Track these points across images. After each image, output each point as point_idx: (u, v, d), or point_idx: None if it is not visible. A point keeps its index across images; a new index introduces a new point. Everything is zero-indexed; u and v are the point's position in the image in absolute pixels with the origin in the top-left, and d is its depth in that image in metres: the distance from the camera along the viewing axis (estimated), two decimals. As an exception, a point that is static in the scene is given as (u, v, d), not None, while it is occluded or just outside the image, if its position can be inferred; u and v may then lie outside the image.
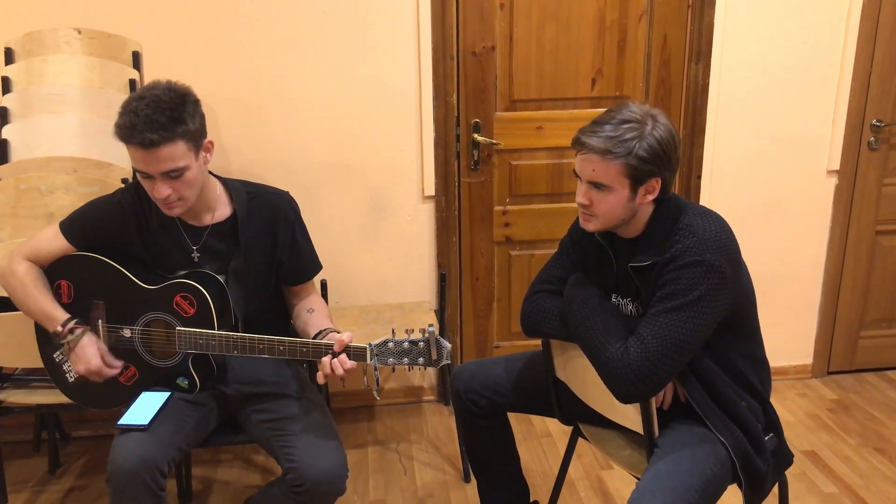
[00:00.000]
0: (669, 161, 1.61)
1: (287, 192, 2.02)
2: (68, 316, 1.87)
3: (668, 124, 1.61)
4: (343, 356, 1.73)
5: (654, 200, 1.67)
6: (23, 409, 2.21)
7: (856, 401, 3.09)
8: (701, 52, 2.87)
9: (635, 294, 1.73)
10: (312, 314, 1.97)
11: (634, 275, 1.67)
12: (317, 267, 2.07)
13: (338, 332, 1.83)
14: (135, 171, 1.76)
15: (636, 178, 1.60)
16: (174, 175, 1.73)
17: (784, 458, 1.79)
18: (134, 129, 1.66)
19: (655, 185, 1.63)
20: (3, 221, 2.27)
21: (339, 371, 1.72)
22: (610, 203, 1.63)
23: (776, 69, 2.91)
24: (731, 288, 1.60)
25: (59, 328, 1.85)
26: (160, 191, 1.74)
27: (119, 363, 1.91)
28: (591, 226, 1.70)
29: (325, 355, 1.74)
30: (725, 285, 1.58)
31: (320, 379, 1.75)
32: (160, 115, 1.67)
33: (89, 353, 1.85)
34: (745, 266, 1.70)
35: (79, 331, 1.86)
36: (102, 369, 1.87)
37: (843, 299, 3.20)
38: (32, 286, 1.88)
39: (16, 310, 1.97)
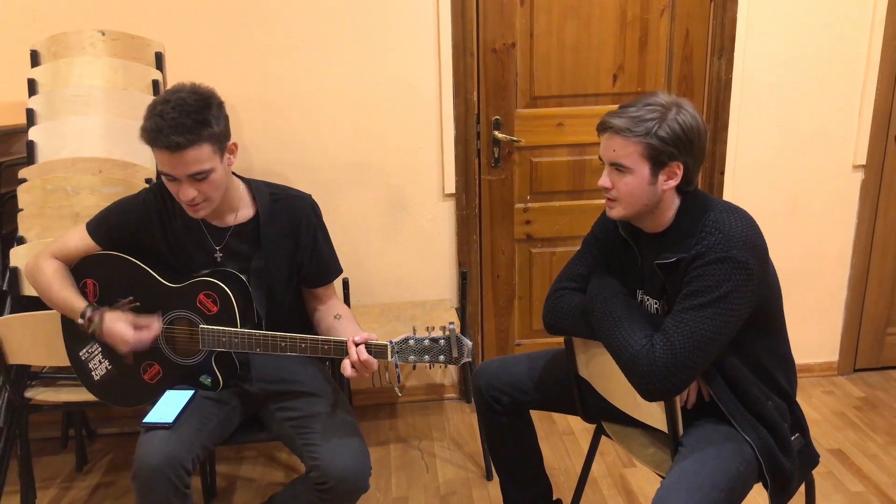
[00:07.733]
0: (692, 146, 1.60)
1: (310, 196, 2.03)
2: (86, 304, 1.88)
3: (694, 113, 1.61)
4: (361, 347, 1.73)
5: (680, 192, 1.66)
6: (50, 406, 2.24)
7: (883, 398, 3.05)
8: (724, 46, 2.84)
9: (661, 291, 1.72)
10: (340, 320, 1.98)
11: (661, 272, 1.66)
12: (337, 270, 2.08)
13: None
14: (161, 173, 1.78)
15: (656, 160, 1.60)
16: (200, 177, 1.74)
17: (810, 458, 1.77)
18: (160, 133, 1.68)
19: (677, 170, 1.62)
20: (30, 221, 2.30)
21: (355, 358, 1.72)
22: (630, 185, 1.63)
23: (800, 63, 2.87)
24: (757, 285, 1.58)
25: (81, 320, 1.87)
26: (186, 193, 1.75)
27: (154, 321, 1.87)
28: (614, 212, 1.70)
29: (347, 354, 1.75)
30: (752, 282, 1.56)
31: (346, 371, 1.75)
32: (186, 119, 1.68)
33: (119, 329, 1.84)
34: (772, 263, 1.68)
35: (97, 316, 1.86)
36: (140, 336, 1.84)
37: (870, 296, 3.16)
38: (58, 281, 1.90)
39: (43, 309, 2.00)
